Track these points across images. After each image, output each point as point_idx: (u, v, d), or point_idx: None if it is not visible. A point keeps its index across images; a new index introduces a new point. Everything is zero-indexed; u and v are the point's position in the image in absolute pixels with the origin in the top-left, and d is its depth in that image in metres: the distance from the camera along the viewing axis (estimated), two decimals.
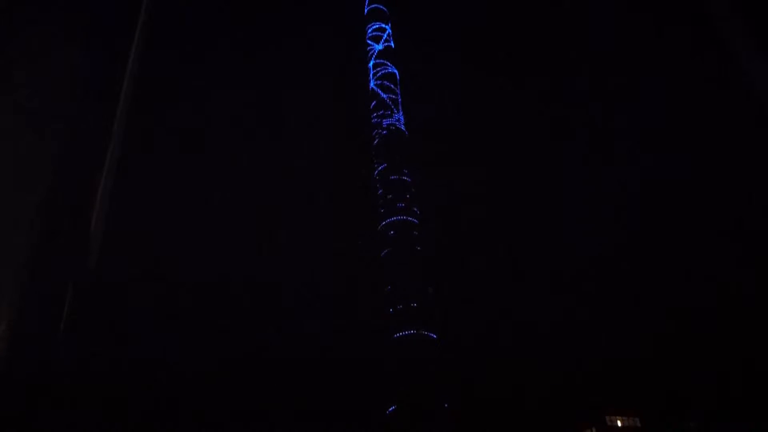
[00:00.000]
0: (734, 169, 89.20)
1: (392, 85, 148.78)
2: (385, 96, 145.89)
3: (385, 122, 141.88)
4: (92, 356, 57.83)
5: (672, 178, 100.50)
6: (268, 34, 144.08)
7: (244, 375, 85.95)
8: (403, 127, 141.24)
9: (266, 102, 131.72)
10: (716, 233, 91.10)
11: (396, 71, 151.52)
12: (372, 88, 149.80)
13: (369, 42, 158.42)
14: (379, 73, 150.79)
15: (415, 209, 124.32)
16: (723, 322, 79.63)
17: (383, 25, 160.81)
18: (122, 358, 72.22)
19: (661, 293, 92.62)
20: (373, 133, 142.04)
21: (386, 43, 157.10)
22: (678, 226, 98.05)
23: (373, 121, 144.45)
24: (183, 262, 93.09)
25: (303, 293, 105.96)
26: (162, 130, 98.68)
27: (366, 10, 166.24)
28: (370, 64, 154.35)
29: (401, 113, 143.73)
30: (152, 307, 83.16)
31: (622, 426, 78.35)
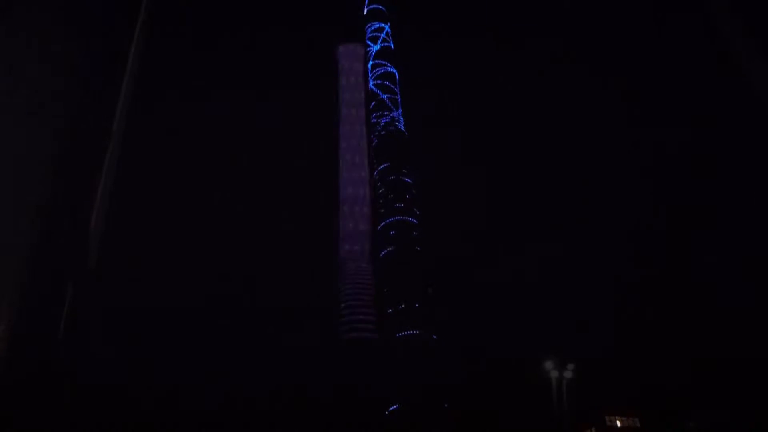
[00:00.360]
0: (734, 170, 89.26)
1: (391, 85, 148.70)
2: (384, 96, 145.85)
3: (383, 122, 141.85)
4: (92, 356, 57.79)
5: (672, 177, 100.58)
6: (268, 34, 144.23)
7: (244, 374, 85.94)
8: (402, 127, 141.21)
9: (266, 102, 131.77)
10: (715, 233, 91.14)
11: (395, 71, 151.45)
12: (371, 88, 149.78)
13: (368, 42, 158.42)
14: (378, 73, 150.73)
15: (415, 209, 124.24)
16: (723, 322, 79.65)
17: (382, 25, 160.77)
18: (122, 358, 72.20)
19: (660, 293, 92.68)
20: (372, 134, 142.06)
21: (385, 43, 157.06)
22: (677, 226, 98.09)
23: (372, 121, 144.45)
24: (183, 261, 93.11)
25: (303, 293, 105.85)
26: (162, 130, 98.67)
27: (366, 10, 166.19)
28: (370, 64, 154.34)
29: (400, 113, 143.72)
30: (152, 306, 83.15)
31: (621, 426, 78.23)
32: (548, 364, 45.83)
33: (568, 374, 45.39)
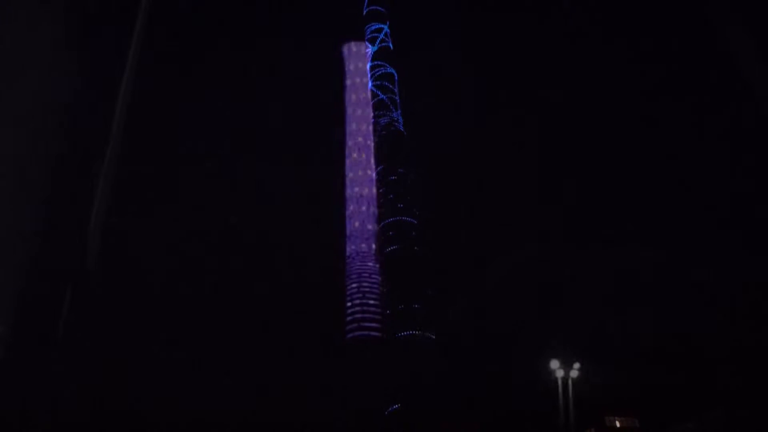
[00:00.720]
0: (734, 170, 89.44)
1: (391, 86, 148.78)
2: (384, 96, 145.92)
3: (383, 122, 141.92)
4: (91, 356, 57.76)
5: (671, 177, 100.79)
6: (271, 33, 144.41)
7: (245, 374, 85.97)
8: (401, 127, 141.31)
9: (269, 102, 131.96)
10: (714, 233, 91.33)
11: (394, 71, 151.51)
12: (370, 88, 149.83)
13: (367, 43, 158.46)
14: (378, 74, 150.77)
15: (415, 210, 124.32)
16: (723, 322, 79.81)
17: (381, 26, 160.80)
18: (121, 358, 72.18)
19: (659, 292, 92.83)
20: (372, 134, 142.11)
21: (384, 44, 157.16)
22: (676, 227, 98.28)
23: (371, 121, 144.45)
24: (183, 261, 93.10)
25: (308, 292, 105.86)
26: (162, 130, 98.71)
27: (365, 11, 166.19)
28: (369, 65, 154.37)
29: (400, 113, 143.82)
30: (152, 306, 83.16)
31: (621, 426, 78.32)
32: (552, 364, 45.78)
33: (573, 373, 45.37)
